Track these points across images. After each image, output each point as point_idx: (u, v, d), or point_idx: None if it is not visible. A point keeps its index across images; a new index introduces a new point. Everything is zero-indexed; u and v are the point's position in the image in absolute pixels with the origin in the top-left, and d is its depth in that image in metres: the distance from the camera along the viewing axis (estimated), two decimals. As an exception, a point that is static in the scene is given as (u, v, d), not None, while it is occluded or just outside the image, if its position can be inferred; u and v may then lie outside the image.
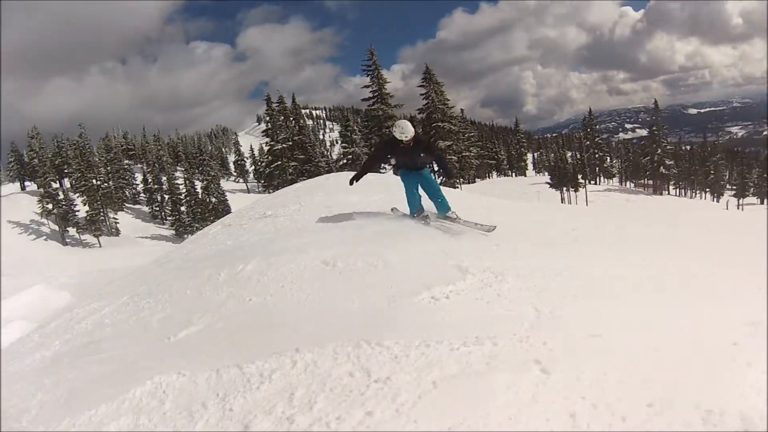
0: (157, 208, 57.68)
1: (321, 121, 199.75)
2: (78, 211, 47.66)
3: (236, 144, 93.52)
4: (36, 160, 53.74)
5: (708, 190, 66.61)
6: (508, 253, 5.18)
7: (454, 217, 6.58)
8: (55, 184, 51.72)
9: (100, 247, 46.01)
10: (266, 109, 50.31)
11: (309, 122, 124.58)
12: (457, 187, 35.84)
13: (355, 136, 46.75)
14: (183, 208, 53.48)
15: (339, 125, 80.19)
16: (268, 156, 53.06)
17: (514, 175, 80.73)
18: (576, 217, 10.11)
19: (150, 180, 58.23)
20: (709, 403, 2.30)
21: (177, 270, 6.79)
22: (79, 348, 4.86)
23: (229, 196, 58.39)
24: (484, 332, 3.12)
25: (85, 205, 48.18)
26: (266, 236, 7.22)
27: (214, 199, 56.20)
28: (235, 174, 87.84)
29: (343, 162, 46.84)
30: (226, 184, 71.86)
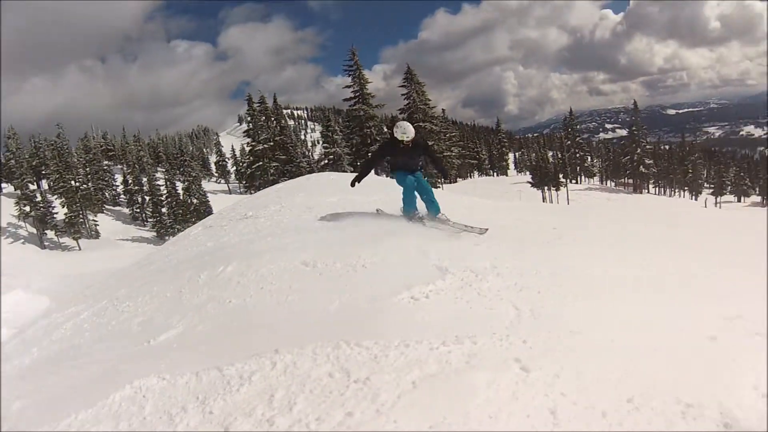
0: (138, 210, 56.91)
1: (302, 122, 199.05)
2: (56, 213, 46.75)
3: (217, 144, 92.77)
4: (13, 161, 52.55)
5: (686, 188, 67.70)
6: (489, 253, 5.20)
7: (444, 219, 6.65)
8: (32, 186, 50.71)
9: (80, 250, 45.21)
10: (247, 110, 49.88)
11: (290, 122, 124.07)
12: (439, 187, 35.86)
13: (337, 137, 46.61)
14: (164, 210, 52.86)
15: (320, 125, 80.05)
16: (249, 156, 52.63)
17: (495, 174, 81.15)
18: (557, 216, 10.18)
19: (130, 181, 57.40)
20: (689, 397, 2.34)
21: (157, 272, 6.76)
22: (58, 353, 4.83)
23: (211, 197, 57.87)
24: (463, 331, 3.14)
25: (63, 207, 47.27)
26: (247, 237, 7.21)
27: (195, 201, 55.65)
28: (217, 175, 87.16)
29: (325, 162, 46.65)
30: (208, 185, 71.22)
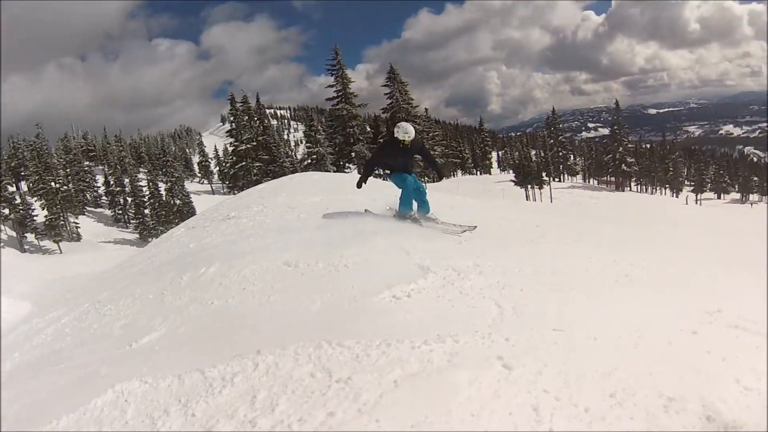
0: (120, 212, 56.16)
1: (285, 121, 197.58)
2: (36, 215, 46.00)
3: (200, 144, 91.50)
4: (-10, 163, 51.81)
5: (667, 186, 68.61)
6: (471, 251, 5.24)
7: (433, 218, 6.87)
8: (11, 188, 49.84)
9: (61, 253, 44.41)
10: (230, 109, 49.55)
11: (273, 122, 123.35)
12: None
13: (320, 136, 46.51)
14: (147, 211, 52.29)
15: (303, 125, 79.67)
16: (232, 156, 52.25)
17: (479, 173, 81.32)
18: (540, 214, 10.25)
19: (112, 182, 56.64)
20: (671, 391, 2.36)
21: (140, 275, 6.71)
22: (39, 358, 4.79)
23: (194, 198, 57.31)
24: (445, 330, 3.16)
25: (43, 209, 46.47)
26: (229, 238, 7.18)
27: (178, 201, 55.10)
28: (200, 175, 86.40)
29: (308, 162, 46.50)
30: (191, 186, 70.70)
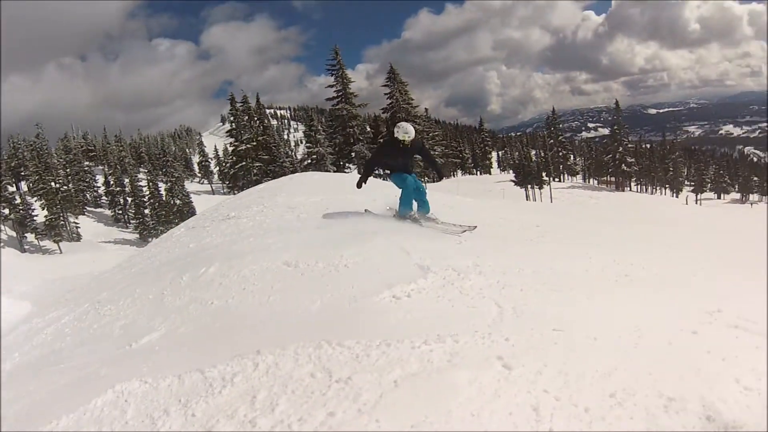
0: (120, 212, 56.19)
1: (285, 121, 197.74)
2: (36, 215, 46.04)
3: (200, 144, 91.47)
4: (-10, 163, 51.76)
5: (667, 186, 68.68)
6: (471, 251, 5.24)
7: (433, 218, 6.90)
8: (11, 188, 49.83)
9: (61, 253, 44.36)
10: (230, 109, 49.48)
11: (273, 122, 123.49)
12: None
13: (320, 136, 46.45)
14: (147, 211, 52.31)
15: (303, 125, 79.60)
16: (232, 157, 52.18)
17: (479, 173, 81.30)
18: (540, 214, 10.26)
19: (112, 182, 56.66)
20: (671, 391, 2.36)
21: (140, 275, 6.71)
22: (39, 358, 4.78)
23: (194, 198, 57.32)
24: (445, 330, 3.15)
25: (43, 209, 46.50)
26: (229, 238, 7.18)
27: (178, 201, 55.10)
28: (200, 175, 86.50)
29: (308, 162, 46.43)
30: (191, 186, 70.73)
